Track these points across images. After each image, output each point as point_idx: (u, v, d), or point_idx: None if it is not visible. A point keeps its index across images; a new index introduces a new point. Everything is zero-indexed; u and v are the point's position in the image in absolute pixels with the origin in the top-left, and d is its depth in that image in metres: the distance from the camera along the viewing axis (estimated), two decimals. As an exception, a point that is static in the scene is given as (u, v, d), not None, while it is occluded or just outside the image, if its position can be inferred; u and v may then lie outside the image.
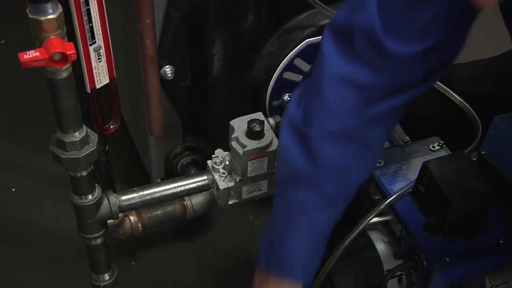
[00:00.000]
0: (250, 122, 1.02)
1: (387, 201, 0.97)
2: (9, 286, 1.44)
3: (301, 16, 1.24)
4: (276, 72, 1.25)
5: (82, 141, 0.90)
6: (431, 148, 1.09)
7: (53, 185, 1.59)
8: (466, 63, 1.34)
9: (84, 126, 0.90)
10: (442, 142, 1.10)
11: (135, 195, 1.07)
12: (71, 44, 0.76)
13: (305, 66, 1.26)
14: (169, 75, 1.23)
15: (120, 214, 1.17)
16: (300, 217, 0.86)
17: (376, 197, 1.05)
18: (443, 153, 1.08)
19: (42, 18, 0.74)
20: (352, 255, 1.01)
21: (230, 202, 1.10)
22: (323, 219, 0.88)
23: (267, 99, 1.30)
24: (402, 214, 0.97)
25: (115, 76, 1.03)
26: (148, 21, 1.10)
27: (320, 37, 0.83)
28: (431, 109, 1.27)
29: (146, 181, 1.54)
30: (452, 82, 1.16)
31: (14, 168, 1.68)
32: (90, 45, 0.95)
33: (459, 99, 1.12)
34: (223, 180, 1.07)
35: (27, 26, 0.75)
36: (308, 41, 1.23)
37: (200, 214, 1.40)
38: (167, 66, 1.23)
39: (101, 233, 1.05)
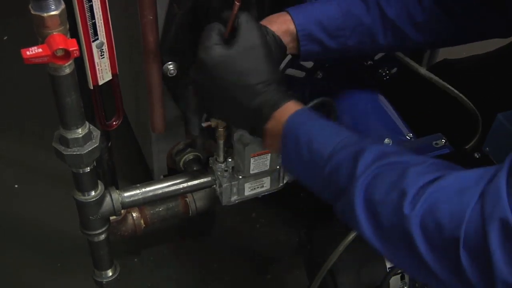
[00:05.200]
0: (252, 119, 1.01)
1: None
2: (11, 283, 1.45)
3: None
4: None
5: (85, 137, 0.89)
6: (434, 145, 1.09)
7: (55, 182, 1.59)
8: (465, 58, 1.34)
9: (87, 123, 0.90)
10: (445, 139, 1.10)
11: (138, 191, 1.07)
12: (74, 40, 0.76)
13: (307, 63, 1.25)
14: (172, 71, 1.23)
15: (122, 211, 1.17)
16: None
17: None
18: (446, 150, 1.08)
19: (45, 15, 0.74)
20: (354, 252, 1.01)
21: (232, 199, 1.10)
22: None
23: (270, 96, 1.29)
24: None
25: (118, 73, 1.03)
26: (151, 17, 1.10)
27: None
28: (434, 105, 1.27)
29: (149, 178, 1.54)
30: (451, 77, 1.16)
31: (16, 164, 1.68)
32: (93, 41, 0.95)
33: (460, 94, 1.11)
34: (226, 177, 1.07)
35: (29, 22, 0.75)
36: (311, 37, 1.22)
37: (202, 211, 1.40)
38: (169, 63, 1.22)
39: (103, 229, 1.05)
